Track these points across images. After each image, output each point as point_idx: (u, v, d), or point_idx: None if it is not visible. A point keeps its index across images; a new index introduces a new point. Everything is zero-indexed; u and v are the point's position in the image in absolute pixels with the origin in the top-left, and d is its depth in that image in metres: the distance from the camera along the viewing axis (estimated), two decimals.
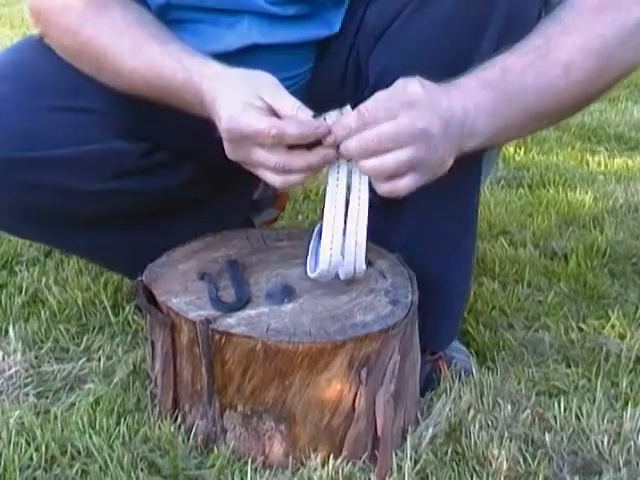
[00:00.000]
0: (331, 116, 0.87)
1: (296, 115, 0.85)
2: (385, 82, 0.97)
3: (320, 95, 1.08)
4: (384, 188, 0.86)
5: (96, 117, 1.03)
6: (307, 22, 1.04)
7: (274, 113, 0.86)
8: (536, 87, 0.90)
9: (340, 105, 1.02)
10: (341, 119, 0.85)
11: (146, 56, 0.95)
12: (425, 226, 1.03)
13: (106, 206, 1.07)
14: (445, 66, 0.93)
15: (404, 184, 0.85)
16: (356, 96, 1.05)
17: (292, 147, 0.86)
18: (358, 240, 0.90)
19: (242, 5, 1.02)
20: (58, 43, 1.02)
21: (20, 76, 1.05)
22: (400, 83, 0.85)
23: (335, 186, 0.89)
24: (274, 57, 1.05)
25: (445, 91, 0.86)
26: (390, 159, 0.84)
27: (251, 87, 0.88)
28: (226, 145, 0.88)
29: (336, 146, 0.85)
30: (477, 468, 0.93)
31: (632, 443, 0.97)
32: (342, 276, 0.93)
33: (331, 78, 1.08)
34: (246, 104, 0.86)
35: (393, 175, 0.85)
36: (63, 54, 1.02)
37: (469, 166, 0.99)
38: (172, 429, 0.95)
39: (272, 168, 0.87)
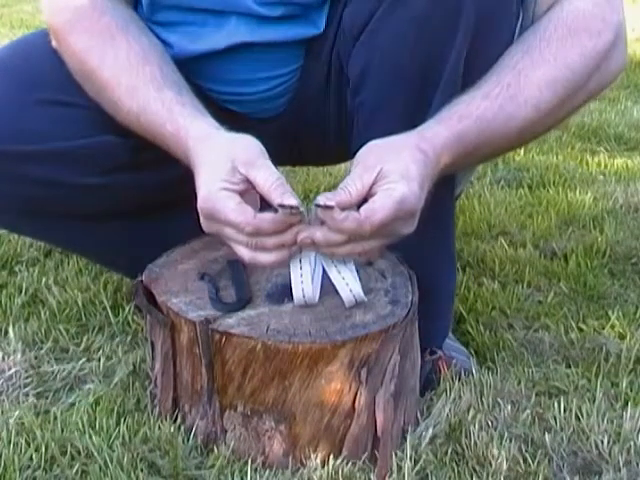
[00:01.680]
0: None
1: (271, 191, 0.84)
2: (363, 84, 0.98)
3: (308, 94, 1.09)
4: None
5: (87, 112, 1.03)
6: (294, 22, 1.05)
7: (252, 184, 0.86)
8: (507, 128, 0.93)
9: (325, 109, 1.08)
10: (339, 220, 0.83)
11: (141, 100, 0.96)
12: None
13: (100, 201, 1.08)
14: (420, 66, 0.94)
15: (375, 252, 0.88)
16: (340, 96, 1.06)
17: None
18: (345, 276, 0.90)
19: (230, 6, 1.02)
20: (68, 63, 1.03)
21: (14, 71, 1.06)
22: (401, 191, 0.83)
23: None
24: (262, 55, 1.06)
25: (431, 168, 0.87)
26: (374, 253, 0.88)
27: (230, 159, 0.86)
28: (201, 218, 0.87)
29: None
30: (477, 468, 0.93)
31: (632, 443, 0.97)
32: (346, 304, 0.93)
33: (316, 78, 1.09)
34: (223, 184, 0.85)
35: None
36: (73, 74, 1.03)
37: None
38: (172, 429, 0.94)
39: (244, 245, 0.86)
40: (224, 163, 0.86)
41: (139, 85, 0.96)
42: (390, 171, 0.84)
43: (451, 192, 1.08)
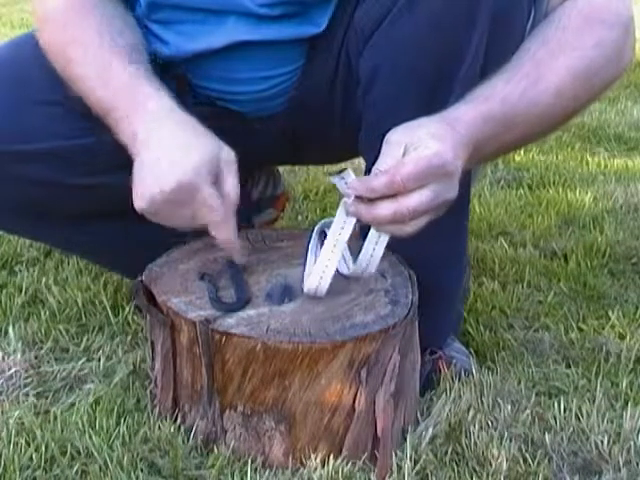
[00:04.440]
0: (347, 176, 0.88)
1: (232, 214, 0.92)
2: (376, 82, 0.98)
3: (311, 93, 1.09)
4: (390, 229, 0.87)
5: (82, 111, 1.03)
6: (294, 21, 1.04)
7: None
8: (530, 114, 0.93)
9: (329, 109, 1.07)
10: (369, 181, 0.83)
11: (116, 72, 0.96)
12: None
13: (95, 201, 1.08)
14: (435, 66, 0.94)
15: (417, 225, 0.86)
16: (346, 95, 1.06)
17: None
18: (376, 249, 0.90)
19: (228, 5, 1.02)
20: (45, 39, 1.02)
21: (6, 71, 1.07)
22: (433, 149, 0.83)
23: (340, 225, 0.89)
24: (261, 54, 1.06)
25: (461, 142, 0.87)
26: (413, 226, 0.85)
27: (215, 150, 0.90)
28: (167, 189, 0.89)
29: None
30: (477, 468, 0.93)
31: (632, 443, 0.97)
32: (350, 272, 0.93)
33: (321, 77, 1.09)
34: (211, 167, 0.89)
35: None
36: (47, 52, 1.02)
37: None
38: (172, 429, 0.95)
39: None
40: (211, 155, 0.90)
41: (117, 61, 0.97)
42: (419, 137, 0.84)
43: (466, 191, 1.07)
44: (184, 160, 0.89)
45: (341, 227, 0.88)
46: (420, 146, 0.83)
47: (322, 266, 0.90)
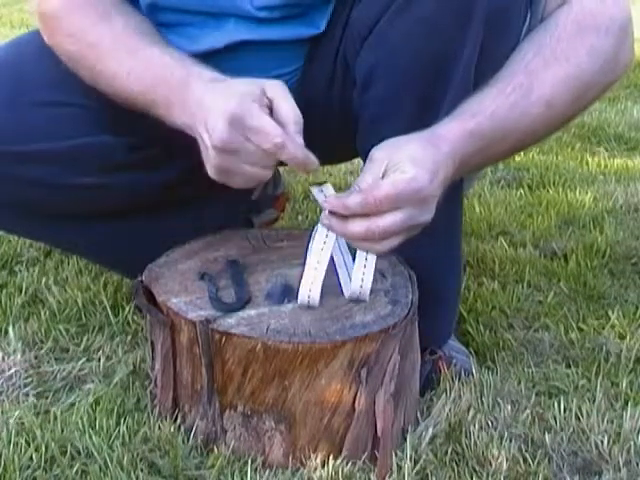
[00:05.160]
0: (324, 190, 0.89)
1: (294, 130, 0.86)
2: (372, 82, 0.98)
3: (310, 94, 1.09)
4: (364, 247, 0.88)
5: (82, 112, 1.04)
6: (294, 22, 1.05)
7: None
8: (520, 126, 0.94)
9: (328, 109, 1.07)
10: (344, 198, 0.84)
11: (147, 56, 0.96)
12: None
13: (94, 201, 1.08)
14: (430, 67, 0.94)
15: (389, 245, 0.87)
16: (344, 95, 1.06)
17: None
18: (366, 271, 0.91)
19: (228, 9, 1.02)
20: (61, 48, 1.02)
21: (8, 72, 1.07)
22: (410, 174, 0.83)
23: (324, 235, 0.89)
24: (262, 54, 1.06)
25: (444, 162, 0.87)
26: (385, 245, 0.86)
27: (258, 83, 0.88)
28: (222, 125, 0.85)
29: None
30: (477, 468, 0.93)
31: (632, 443, 0.97)
32: (347, 294, 0.93)
33: (320, 78, 1.09)
34: (255, 96, 0.86)
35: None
36: (65, 59, 1.02)
37: None
38: (172, 429, 0.95)
39: (257, 165, 0.87)
40: (254, 84, 0.88)
41: (141, 45, 0.97)
42: (399, 159, 0.85)
43: (459, 193, 1.08)
44: (226, 95, 0.87)
45: (323, 241, 0.89)
46: (398, 169, 0.84)
47: (309, 280, 0.90)
